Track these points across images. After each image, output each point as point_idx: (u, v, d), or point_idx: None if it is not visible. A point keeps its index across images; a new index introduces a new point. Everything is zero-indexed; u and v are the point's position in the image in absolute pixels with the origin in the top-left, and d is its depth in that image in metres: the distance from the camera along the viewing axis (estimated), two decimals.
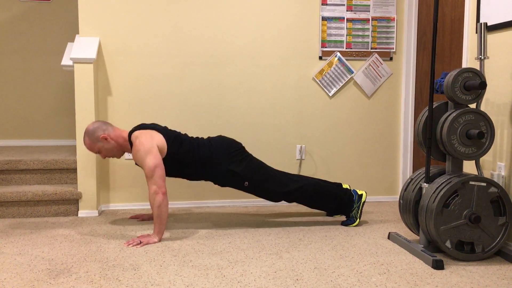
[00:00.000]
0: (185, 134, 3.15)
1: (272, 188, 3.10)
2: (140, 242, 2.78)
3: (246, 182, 3.08)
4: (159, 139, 2.93)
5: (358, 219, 3.20)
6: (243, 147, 3.16)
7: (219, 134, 3.68)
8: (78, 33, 3.77)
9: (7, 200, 3.36)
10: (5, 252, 2.65)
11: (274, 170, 3.17)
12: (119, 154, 3.09)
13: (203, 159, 3.02)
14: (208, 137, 3.17)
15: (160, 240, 2.85)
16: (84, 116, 3.46)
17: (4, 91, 4.80)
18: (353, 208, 3.20)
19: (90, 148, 3.02)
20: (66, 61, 3.64)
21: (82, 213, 3.48)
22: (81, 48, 3.49)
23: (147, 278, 2.28)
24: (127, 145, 3.04)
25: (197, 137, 3.16)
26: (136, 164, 3.07)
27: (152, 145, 2.87)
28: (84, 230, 3.09)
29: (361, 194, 3.21)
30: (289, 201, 3.19)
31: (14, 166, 3.56)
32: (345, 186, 3.27)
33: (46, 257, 2.57)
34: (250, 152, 3.77)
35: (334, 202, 3.18)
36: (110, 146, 3.01)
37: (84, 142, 3.03)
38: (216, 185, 3.17)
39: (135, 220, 3.35)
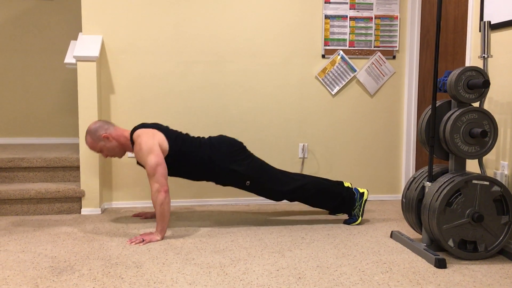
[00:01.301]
0: (187, 134, 3.15)
1: (273, 187, 3.10)
2: (143, 240, 2.79)
3: (248, 181, 3.08)
4: (160, 138, 2.94)
5: (360, 218, 3.20)
6: (244, 146, 3.16)
7: (220, 134, 3.67)
8: (81, 31, 3.77)
9: (10, 198, 3.37)
10: (9, 250, 2.66)
11: (276, 169, 3.17)
12: (121, 154, 3.09)
13: (204, 158, 3.02)
14: (209, 137, 3.17)
15: (162, 238, 2.85)
16: (87, 114, 3.46)
17: (7, 89, 4.81)
18: (355, 206, 3.20)
19: (92, 147, 3.03)
20: (69, 59, 3.65)
21: (85, 211, 3.49)
22: (84, 46, 3.49)
23: (150, 276, 2.28)
24: (128, 144, 3.04)
25: (198, 137, 3.16)
26: (138, 163, 3.07)
27: (153, 143, 2.87)
28: (87, 228, 3.10)
29: (363, 192, 3.21)
30: (291, 200, 3.18)
31: (17, 164, 3.57)
32: (346, 184, 3.27)
33: (49, 254, 2.58)
34: (251, 151, 3.78)
35: (335, 201, 3.18)
36: (112, 145, 3.01)
37: (86, 141, 3.03)
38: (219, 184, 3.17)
39: (137, 218, 3.36)
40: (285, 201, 3.80)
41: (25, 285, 2.17)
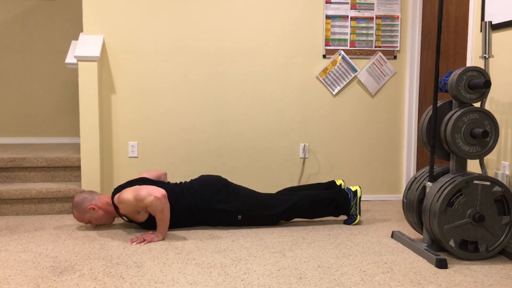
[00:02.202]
0: (168, 183, 3.14)
1: (266, 214, 3.10)
2: (144, 240, 2.79)
3: (239, 216, 3.08)
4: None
5: (358, 216, 3.20)
6: (226, 182, 3.13)
7: (201, 174, 3.57)
8: (82, 31, 3.78)
9: (11, 198, 3.37)
10: (10, 250, 2.66)
11: (263, 195, 3.16)
12: (109, 221, 3.09)
13: (190, 206, 3.02)
14: (191, 181, 3.15)
15: (163, 239, 2.85)
16: (88, 114, 3.47)
17: (8, 89, 4.82)
18: (351, 206, 3.20)
19: (79, 220, 3.02)
20: (70, 59, 3.65)
21: None
22: (85, 46, 3.49)
23: (151, 276, 2.28)
24: (113, 210, 3.04)
25: (180, 183, 3.15)
26: (130, 221, 3.04)
27: (134, 189, 2.89)
28: (88, 228, 3.10)
29: (356, 190, 3.21)
30: (287, 219, 3.19)
31: (18, 163, 3.57)
32: (338, 182, 3.27)
33: (50, 254, 2.58)
34: (252, 152, 3.78)
35: (330, 207, 3.17)
36: (99, 215, 3.01)
37: (73, 215, 3.05)
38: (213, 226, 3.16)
39: None
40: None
41: (26, 285, 2.17)
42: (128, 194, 2.87)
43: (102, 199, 3.03)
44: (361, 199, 3.96)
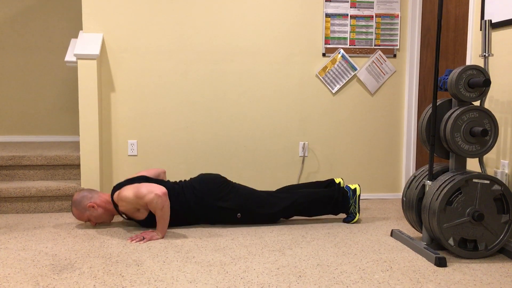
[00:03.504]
0: (168, 181, 3.14)
1: (265, 212, 3.10)
2: (143, 238, 2.79)
3: (239, 214, 3.08)
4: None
5: (357, 214, 3.20)
6: (226, 180, 3.14)
7: (199, 173, 3.58)
8: (81, 29, 3.77)
9: (10, 196, 3.37)
10: (9, 248, 2.66)
11: (262, 193, 3.16)
12: (109, 219, 3.10)
13: (190, 204, 3.02)
14: (190, 179, 3.15)
15: (163, 237, 2.86)
16: (88, 112, 3.47)
17: (8, 87, 4.81)
18: (350, 204, 3.20)
19: (79, 218, 3.03)
20: (69, 57, 3.65)
21: None
22: (85, 44, 3.49)
23: (150, 274, 2.28)
24: (113, 208, 3.04)
25: (180, 181, 3.15)
26: (129, 219, 3.05)
27: (134, 186, 2.89)
28: (88, 226, 3.10)
29: (355, 189, 3.21)
30: (287, 217, 3.19)
31: (17, 162, 3.57)
32: (337, 180, 3.28)
33: (50, 252, 2.58)
34: (252, 151, 3.78)
35: (329, 205, 3.18)
36: (98, 213, 3.01)
37: (72, 213, 3.04)
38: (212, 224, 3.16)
39: None
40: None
41: (26, 283, 2.17)
42: (128, 191, 2.88)
43: (101, 197, 3.03)
44: (361, 197, 3.97)
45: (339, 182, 3.33)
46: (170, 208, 2.93)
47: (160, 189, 2.81)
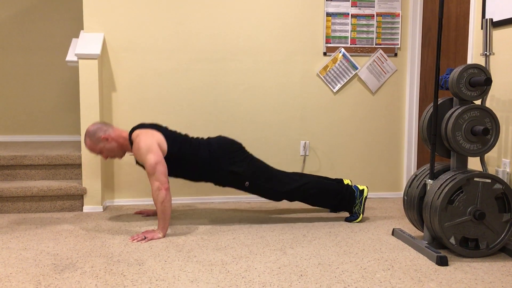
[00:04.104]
0: (186, 135, 3.15)
1: (273, 188, 3.10)
2: (145, 238, 2.79)
3: (247, 182, 3.08)
4: (159, 138, 2.94)
5: (361, 215, 3.20)
6: (243, 147, 3.15)
7: (220, 133, 3.67)
8: (82, 28, 3.77)
9: (12, 196, 3.37)
10: (11, 247, 2.66)
11: (275, 170, 3.16)
12: (120, 155, 3.09)
13: (203, 159, 3.02)
14: (208, 138, 3.16)
15: (164, 236, 2.86)
16: (89, 112, 3.47)
17: (9, 87, 4.82)
18: (355, 204, 3.20)
19: (91, 149, 3.02)
20: (70, 57, 3.65)
21: (87, 208, 3.50)
22: (86, 44, 3.49)
23: (152, 274, 2.29)
24: (127, 144, 3.03)
25: (197, 138, 3.15)
26: (137, 163, 3.07)
27: (152, 142, 2.87)
28: (89, 226, 3.10)
29: (363, 190, 3.21)
30: (291, 199, 3.19)
31: (19, 161, 3.58)
32: (346, 181, 3.27)
33: (51, 252, 2.59)
34: (253, 149, 3.78)
35: (335, 199, 3.18)
36: (112, 146, 3.01)
37: (85, 143, 3.03)
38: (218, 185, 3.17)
39: (139, 216, 3.36)
40: (285, 200, 3.80)
41: (28, 282, 2.18)
42: (145, 143, 2.83)
43: (116, 131, 3.03)
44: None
45: (347, 183, 3.32)
46: (183, 159, 2.94)
47: (165, 184, 2.81)
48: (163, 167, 2.84)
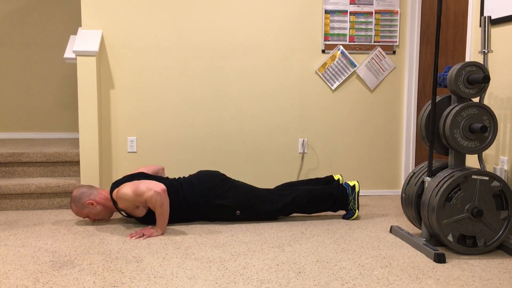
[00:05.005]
0: (167, 178, 3.14)
1: (265, 209, 3.10)
2: (143, 235, 2.79)
3: (238, 211, 3.08)
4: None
5: (357, 210, 3.21)
6: (225, 177, 3.13)
7: (199, 170, 3.60)
8: (80, 25, 3.77)
9: (10, 193, 3.37)
10: (9, 244, 2.66)
11: (262, 190, 3.16)
12: (108, 216, 3.09)
13: (189, 200, 3.02)
14: (189, 176, 3.15)
15: (162, 233, 2.86)
16: (87, 109, 3.46)
17: (7, 84, 4.81)
18: (349, 201, 3.20)
19: (78, 214, 3.03)
20: (69, 54, 3.64)
21: None
22: (84, 41, 3.48)
23: (150, 271, 2.29)
24: (112, 205, 3.03)
25: (179, 178, 3.14)
26: (128, 216, 3.04)
27: (133, 183, 2.88)
28: (87, 223, 3.10)
29: (354, 185, 3.21)
30: (286, 214, 3.19)
31: (17, 158, 3.57)
32: (336, 176, 3.27)
33: (50, 249, 2.59)
34: (252, 148, 3.78)
35: (329, 202, 3.18)
36: (97, 211, 3.01)
37: (71, 209, 3.04)
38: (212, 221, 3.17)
39: None
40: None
41: (26, 279, 2.18)
42: (127, 188, 2.88)
43: (100, 194, 3.03)
44: (360, 194, 3.97)
45: (338, 179, 3.33)
46: (169, 205, 2.94)
47: (159, 186, 2.82)
48: (150, 182, 2.85)
